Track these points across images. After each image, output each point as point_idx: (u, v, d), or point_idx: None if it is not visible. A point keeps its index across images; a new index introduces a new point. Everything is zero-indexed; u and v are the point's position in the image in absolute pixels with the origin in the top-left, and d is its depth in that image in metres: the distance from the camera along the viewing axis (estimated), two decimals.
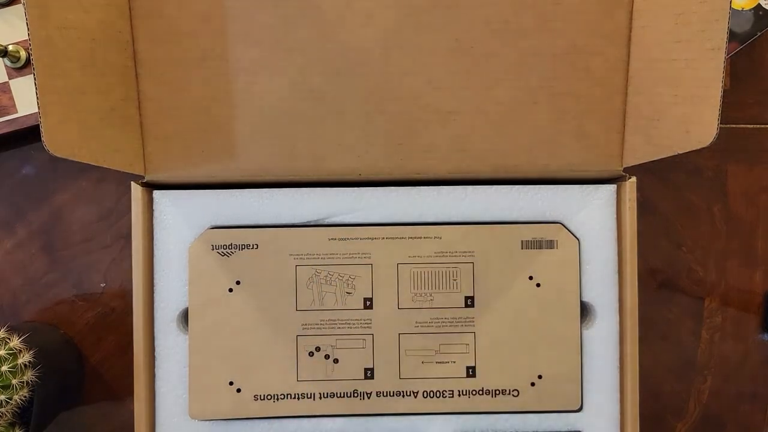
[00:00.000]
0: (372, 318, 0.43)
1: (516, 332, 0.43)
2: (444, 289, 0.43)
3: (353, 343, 0.43)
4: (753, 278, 0.54)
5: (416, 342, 0.43)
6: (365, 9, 0.42)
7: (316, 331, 0.43)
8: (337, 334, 0.43)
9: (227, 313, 0.43)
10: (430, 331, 0.43)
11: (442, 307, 0.43)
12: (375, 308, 0.43)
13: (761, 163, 0.54)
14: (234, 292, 0.43)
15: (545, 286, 0.43)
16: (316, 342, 0.43)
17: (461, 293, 0.43)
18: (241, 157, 0.43)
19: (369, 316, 0.43)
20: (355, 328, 0.43)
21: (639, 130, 0.42)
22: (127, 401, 0.52)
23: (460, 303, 0.43)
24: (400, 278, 0.43)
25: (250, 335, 0.43)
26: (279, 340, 0.43)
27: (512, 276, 0.43)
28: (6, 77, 0.49)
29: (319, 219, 0.44)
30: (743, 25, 0.51)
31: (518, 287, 0.43)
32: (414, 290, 0.43)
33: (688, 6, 0.38)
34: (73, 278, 0.53)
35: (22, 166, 0.53)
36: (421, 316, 0.43)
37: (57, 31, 0.37)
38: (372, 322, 0.43)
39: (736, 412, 0.54)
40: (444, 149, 0.44)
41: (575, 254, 0.44)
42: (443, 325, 0.43)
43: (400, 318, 0.43)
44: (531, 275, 0.43)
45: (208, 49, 0.43)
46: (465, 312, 0.43)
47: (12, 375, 0.43)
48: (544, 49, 0.43)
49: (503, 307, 0.43)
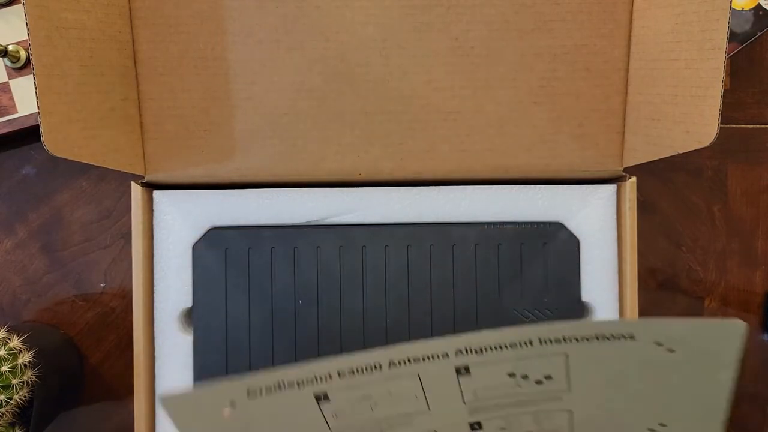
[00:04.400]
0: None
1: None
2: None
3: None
4: (753, 278, 0.54)
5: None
6: (365, 9, 0.42)
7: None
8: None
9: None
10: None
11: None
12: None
13: (761, 163, 0.54)
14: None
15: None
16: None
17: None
18: (241, 157, 0.43)
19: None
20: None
21: (639, 130, 0.42)
22: (127, 401, 0.52)
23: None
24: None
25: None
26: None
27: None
28: (6, 77, 0.49)
29: (319, 219, 0.44)
30: (743, 25, 0.51)
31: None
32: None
33: (688, 6, 0.38)
34: (73, 278, 0.53)
35: (22, 166, 0.53)
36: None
37: (57, 31, 0.37)
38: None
39: (736, 412, 0.54)
40: (444, 149, 0.44)
41: (575, 254, 0.44)
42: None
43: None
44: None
45: (208, 49, 0.43)
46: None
47: (12, 375, 0.43)
48: (544, 49, 0.43)
49: None
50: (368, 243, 0.44)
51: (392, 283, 0.44)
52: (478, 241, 0.44)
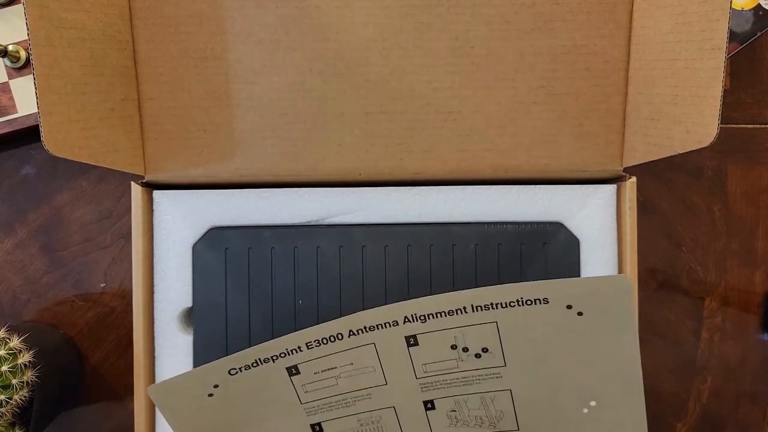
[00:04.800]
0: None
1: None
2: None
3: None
4: (753, 278, 0.54)
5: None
6: (365, 9, 0.42)
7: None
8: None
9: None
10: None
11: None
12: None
13: (761, 163, 0.54)
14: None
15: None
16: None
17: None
18: (241, 157, 0.43)
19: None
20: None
21: (639, 130, 0.42)
22: (127, 401, 0.52)
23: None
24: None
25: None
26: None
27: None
28: (6, 77, 0.49)
29: (319, 219, 0.44)
30: (743, 25, 0.51)
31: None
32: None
33: (688, 6, 0.38)
34: (73, 278, 0.53)
35: (22, 166, 0.53)
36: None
37: (57, 31, 0.37)
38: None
39: (736, 412, 0.54)
40: (444, 149, 0.44)
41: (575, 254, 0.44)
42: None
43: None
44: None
45: (208, 49, 0.43)
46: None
47: (12, 375, 0.43)
48: (544, 49, 0.43)
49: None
50: (368, 243, 0.44)
51: (392, 283, 0.44)
52: (478, 241, 0.44)
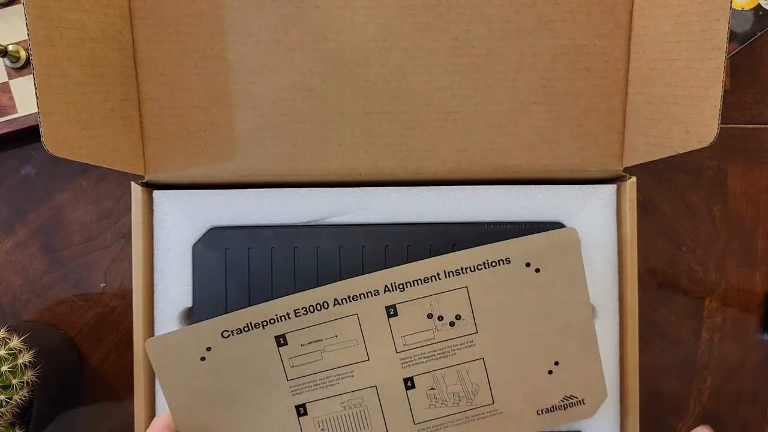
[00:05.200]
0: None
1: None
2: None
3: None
4: (753, 278, 0.54)
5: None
6: (365, 9, 0.42)
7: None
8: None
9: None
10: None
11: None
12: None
13: (761, 163, 0.54)
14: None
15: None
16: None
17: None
18: (241, 157, 0.43)
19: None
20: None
21: (639, 130, 0.42)
22: (127, 401, 0.52)
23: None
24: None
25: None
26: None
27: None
28: (6, 77, 0.49)
29: (319, 219, 0.44)
30: (743, 25, 0.51)
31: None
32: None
33: (688, 6, 0.38)
34: (73, 278, 0.53)
35: (22, 166, 0.53)
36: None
37: (57, 31, 0.37)
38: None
39: (736, 412, 0.54)
40: (444, 149, 0.44)
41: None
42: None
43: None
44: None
45: (208, 49, 0.43)
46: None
47: (12, 375, 0.43)
48: (544, 49, 0.43)
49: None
50: (368, 243, 0.44)
51: None
52: (478, 241, 0.44)
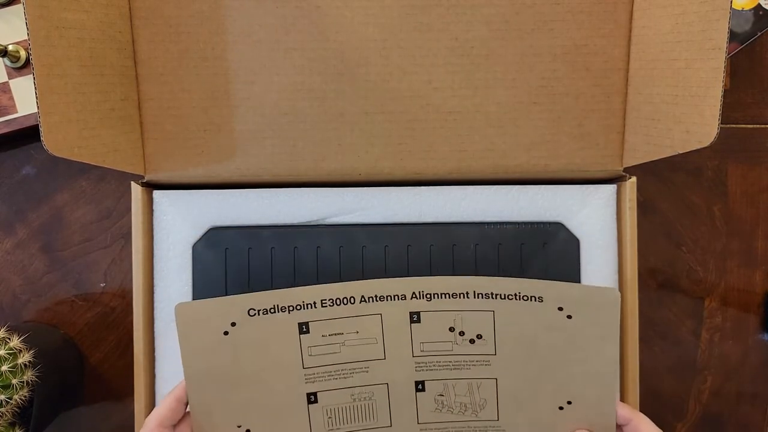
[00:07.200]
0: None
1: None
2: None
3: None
4: (753, 278, 0.54)
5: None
6: (365, 9, 0.42)
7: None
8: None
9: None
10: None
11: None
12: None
13: (761, 163, 0.54)
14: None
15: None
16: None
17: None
18: (241, 157, 0.43)
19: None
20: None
21: (639, 130, 0.42)
22: (127, 401, 0.52)
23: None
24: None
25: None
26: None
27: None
28: (6, 77, 0.49)
29: (319, 219, 0.44)
30: (743, 25, 0.51)
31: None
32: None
33: (688, 6, 0.38)
34: (73, 278, 0.53)
35: (22, 166, 0.53)
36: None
37: (57, 31, 0.37)
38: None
39: (736, 412, 0.54)
40: (444, 149, 0.44)
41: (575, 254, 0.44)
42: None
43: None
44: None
45: (208, 49, 0.43)
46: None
47: (12, 375, 0.43)
48: (544, 49, 0.43)
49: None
50: (368, 243, 0.44)
51: None
52: (478, 241, 0.44)
